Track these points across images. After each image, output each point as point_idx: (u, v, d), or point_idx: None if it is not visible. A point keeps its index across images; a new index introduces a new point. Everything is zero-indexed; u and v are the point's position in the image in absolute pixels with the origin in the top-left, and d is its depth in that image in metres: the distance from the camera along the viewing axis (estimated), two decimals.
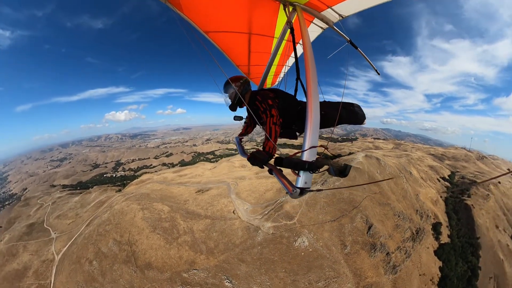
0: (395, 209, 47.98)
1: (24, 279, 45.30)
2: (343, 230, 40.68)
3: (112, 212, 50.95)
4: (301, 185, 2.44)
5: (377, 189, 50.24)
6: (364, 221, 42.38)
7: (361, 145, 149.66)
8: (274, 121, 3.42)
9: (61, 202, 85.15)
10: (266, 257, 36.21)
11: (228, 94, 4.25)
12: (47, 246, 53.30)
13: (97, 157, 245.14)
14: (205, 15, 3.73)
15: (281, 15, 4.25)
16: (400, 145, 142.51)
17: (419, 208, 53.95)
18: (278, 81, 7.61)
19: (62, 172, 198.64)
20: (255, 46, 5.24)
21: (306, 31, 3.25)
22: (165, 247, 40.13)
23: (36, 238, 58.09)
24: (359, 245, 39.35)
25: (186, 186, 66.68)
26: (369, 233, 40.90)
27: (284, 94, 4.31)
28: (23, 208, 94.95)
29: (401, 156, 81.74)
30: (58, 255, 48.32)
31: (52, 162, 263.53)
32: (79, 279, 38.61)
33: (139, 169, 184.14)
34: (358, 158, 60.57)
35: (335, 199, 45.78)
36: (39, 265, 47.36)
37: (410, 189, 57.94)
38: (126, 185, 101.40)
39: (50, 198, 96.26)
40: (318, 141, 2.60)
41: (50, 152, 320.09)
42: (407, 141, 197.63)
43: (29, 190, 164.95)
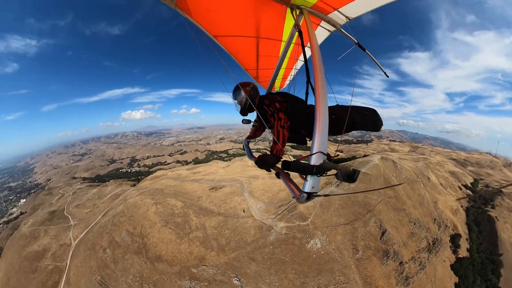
0: (410, 215, 45.42)
1: (43, 260, 48.76)
2: (356, 234, 39.19)
3: (126, 205, 52.57)
4: (308, 189, 2.39)
5: (392, 193, 47.97)
6: (378, 226, 40.56)
7: (376, 147, 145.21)
8: (282, 124, 3.38)
9: (81, 193, 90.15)
10: (277, 257, 35.58)
11: (237, 100, 4.25)
12: (65, 232, 56.88)
13: (114, 153, 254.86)
14: (213, 20, 3.74)
15: (288, 19, 4.21)
16: (417, 148, 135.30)
17: (437, 217, 50.53)
18: (287, 84, 7.55)
19: (82, 166, 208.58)
20: (263, 50, 5.22)
21: (313, 34, 3.24)
22: (176, 241, 40.46)
23: (56, 224, 62.26)
24: (371, 251, 37.74)
25: (200, 183, 67.12)
26: (383, 239, 39.08)
27: (292, 97, 4.22)
28: (46, 196, 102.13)
29: (418, 160, 76.98)
30: (75, 240, 51.37)
31: (74, 156, 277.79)
32: (93, 264, 40.49)
33: (154, 165, 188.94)
34: (374, 160, 58.29)
35: (349, 202, 44.36)
36: (57, 249, 50.73)
37: (427, 195, 54.42)
38: (141, 180, 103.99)
39: (71, 189, 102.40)
40: (328, 144, 2.54)
41: (72, 148, 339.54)
42: (425, 144, 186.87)
43: (52, 181, 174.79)
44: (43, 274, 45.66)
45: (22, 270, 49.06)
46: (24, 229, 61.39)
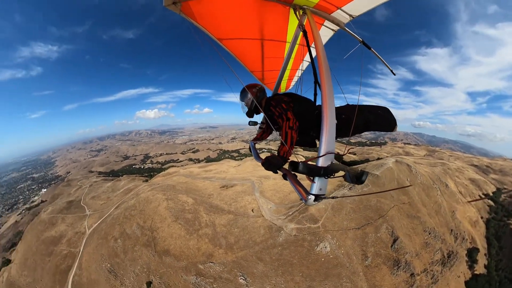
0: (425, 224, 43.03)
1: (58, 245, 51.95)
2: (366, 239, 37.84)
3: (138, 199, 54.07)
4: (315, 191, 2.35)
5: (406, 199, 45.86)
6: (390, 232, 38.90)
7: (390, 150, 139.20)
8: (290, 125, 3.23)
9: (97, 185, 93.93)
10: (285, 259, 35.00)
11: (244, 101, 4.22)
12: (81, 220, 60.05)
13: (128, 150, 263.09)
14: (218, 23, 3.74)
15: (291, 20, 4.17)
16: (435, 152, 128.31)
17: (454, 228, 47.50)
18: (293, 85, 7.52)
19: (98, 161, 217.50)
20: (268, 51, 5.19)
21: (317, 34, 3.19)
22: (185, 237, 40.86)
23: (73, 213, 65.97)
24: (381, 258, 36.40)
25: (211, 181, 67.72)
26: (394, 247, 37.58)
27: (299, 98, 4.11)
28: (65, 187, 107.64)
29: (435, 165, 72.86)
30: (89, 229, 53.94)
31: (91, 152, 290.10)
32: (104, 252, 42.38)
33: (166, 162, 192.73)
34: (388, 164, 56.17)
35: (361, 206, 42.84)
36: (72, 235, 53.75)
37: (445, 204, 51.47)
38: (153, 176, 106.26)
39: (87, 182, 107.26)
40: (340, 146, 2.44)
41: (90, 144, 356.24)
42: (443, 148, 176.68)
43: (71, 173, 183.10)
44: (58, 258, 48.42)
45: (39, 252, 52.53)
46: (44, 215, 65.79)
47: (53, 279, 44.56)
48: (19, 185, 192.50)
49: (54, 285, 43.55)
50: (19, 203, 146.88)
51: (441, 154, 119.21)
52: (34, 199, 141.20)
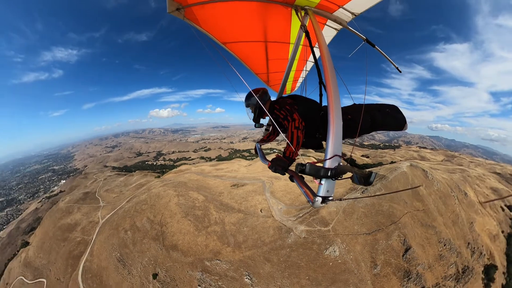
0: (440, 234, 40.32)
1: (73, 232, 55.09)
2: (377, 246, 36.16)
3: (149, 194, 55.31)
4: (323, 193, 2.30)
5: (421, 205, 43.56)
6: (402, 241, 36.90)
7: (404, 153, 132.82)
8: (296, 125, 3.21)
9: (110, 179, 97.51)
10: (292, 261, 34.27)
11: (249, 107, 4.22)
12: (95, 211, 62.77)
13: (141, 147, 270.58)
14: (221, 28, 3.73)
15: (294, 21, 4.16)
16: (454, 157, 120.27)
17: (471, 241, 44.12)
18: (298, 86, 7.50)
19: (113, 156, 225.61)
20: (272, 53, 5.18)
21: (320, 34, 3.18)
22: (193, 233, 41.07)
23: (88, 203, 69.35)
24: (391, 268, 34.52)
25: (222, 179, 67.91)
26: (405, 256, 35.48)
27: (304, 99, 4.07)
28: (82, 179, 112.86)
29: (454, 171, 68.39)
30: (102, 219, 56.13)
31: (107, 148, 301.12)
32: (114, 242, 43.82)
33: (178, 160, 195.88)
34: (402, 168, 53.75)
35: (373, 210, 41.20)
36: (86, 224, 56.59)
37: (463, 214, 48.11)
38: (165, 173, 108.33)
39: (102, 175, 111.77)
40: (342, 147, 2.46)
41: (105, 140, 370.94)
42: (463, 153, 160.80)
43: (88, 167, 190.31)
44: (72, 244, 51.22)
45: (55, 237, 55.96)
46: (61, 204, 69.88)
47: (66, 263, 47.09)
48: (40, 175, 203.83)
49: (66, 268, 45.94)
50: (40, 192, 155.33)
51: (460, 159, 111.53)
52: (54, 189, 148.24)
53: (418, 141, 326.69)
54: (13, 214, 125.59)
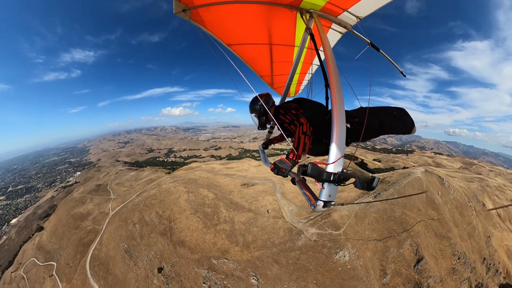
0: (455, 247, 37.56)
1: (85, 221, 56.85)
2: (387, 254, 34.23)
3: (159, 189, 55.32)
4: (325, 198, 2.27)
5: (436, 214, 41.13)
6: (414, 250, 34.66)
7: (418, 159, 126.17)
8: (304, 130, 3.09)
9: (122, 173, 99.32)
10: (301, 264, 33.08)
11: (254, 113, 4.08)
12: (106, 202, 64.37)
13: (153, 143, 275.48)
14: (226, 29, 3.69)
15: (299, 24, 4.11)
16: (472, 165, 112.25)
17: (487, 257, 40.83)
18: (302, 89, 7.48)
19: (125, 152, 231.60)
20: (276, 56, 5.13)
21: (325, 37, 3.18)
22: (202, 230, 40.34)
23: (100, 195, 71.15)
24: (401, 278, 32.45)
25: (232, 178, 67.09)
26: (417, 267, 33.20)
27: (309, 102, 3.98)
28: (96, 172, 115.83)
29: (472, 180, 63.93)
30: (112, 211, 57.36)
31: (119, 143, 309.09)
32: (122, 233, 44.27)
33: (189, 157, 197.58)
34: (417, 173, 50.73)
35: (385, 216, 39.34)
36: (97, 214, 58.30)
37: (480, 226, 44.66)
38: (176, 169, 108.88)
39: (114, 169, 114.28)
40: (345, 151, 2.44)
41: (118, 136, 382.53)
42: (482, 161, 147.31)
43: (101, 161, 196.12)
44: (83, 232, 52.89)
45: (67, 225, 58.19)
46: (75, 194, 72.45)
47: (76, 249, 48.55)
48: (58, 167, 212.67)
49: (76, 255, 47.23)
50: (57, 182, 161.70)
51: (479, 168, 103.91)
52: (69, 179, 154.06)
53: (433, 147, 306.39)
54: (31, 201, 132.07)
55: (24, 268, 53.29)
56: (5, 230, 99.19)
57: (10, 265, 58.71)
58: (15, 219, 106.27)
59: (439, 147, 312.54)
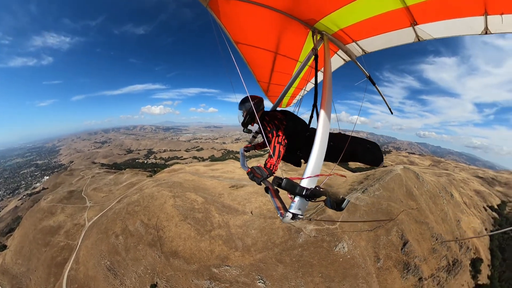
0: (433, 230, 42.02)
1: (56, 236, 48.35)
2: (378, 241, 37.09)
3: (142, 194, 49.34)
4: (294, 210, 2.28)
5: (415, 204, 45.08)
6: (400, 236, 38.13)
7: (395, 158, 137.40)
8: (279, 140, 3.28)
9: (99, 177, 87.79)
10: (305, 260, 32.84)
11: (242, 110, 4.03)
12: (81, 212, 55.62)
13: (132, 144, 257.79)
14: (239, 26, 3.59)
15: (308, 42, 4.08)
16: (440, 162, 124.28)
17: (459, 237, 46.95)
18: (294, 103, 7.39)
19: (102, 153, 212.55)
20: (278, 66, 5.01)
21: (329, 61, 3.22)
22: (195, 238, 36.59)
23: (73, 203, 61.29)
24: (392, 261, 35.59)
25: (219, 180, 62.95)
26: (404, 250, 36.71)
27: (294, 117, 3.98)
28: (67, 176, 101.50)
29: (441, 175, 70.45)
30: (89, 222, 49.80)
31: (96, 143, 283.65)
32: (104, 248, 38.37)
33: (170, 159, 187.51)
34: (397, 170, 54.41)
35: (373, 209, 41.83)
36: (71, 227, 50.00)
37: (450, 213, 50.14)
38: (157, 172, 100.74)
39: (90, 172, 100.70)
40: (321, 170, 2.44)
41: (95, 135, 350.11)
42: (448, 159, 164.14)
43: (74, 163, 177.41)
44: (54, 249, 45.14)
45: (35, 241, 49.08)
46: (43, 204, 61.22)
47: (48, 271, 41.44)
48: (22, 170, 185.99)
49: (48, 278, 40.22)
50: (21, 188, 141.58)
51: (446, 165, 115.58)
52: (36, 185, 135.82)
53: (407, 147, 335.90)
54: None
55: None
56: None
57: None
58: None
59: (412, 148, 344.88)
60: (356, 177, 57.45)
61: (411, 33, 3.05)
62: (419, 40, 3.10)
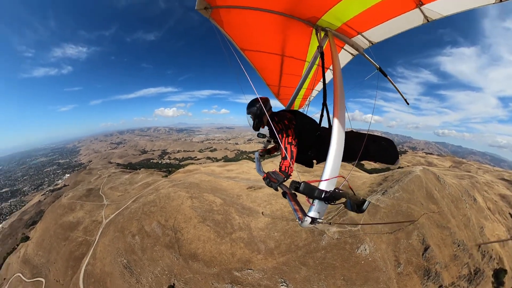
0: (454, 235, 38.85)
1: (75, 231, 48.99)
2: (399, 245, 34.76)
3: (158, 195, 48.16)
4: (313, 214, 2.18)
5: (436, 208, 41.81)
6: (421, 240, 35.36)
7: (411, 159, 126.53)
8: (289, 141, 3.11)
9: (115, 176, 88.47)
10: (328, 262, 31.16)
11: (250, 113, 3.79)
12: (98, 209, 55.78)
13: (146, 144, 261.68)
14: (243, 34, 3.52)
15: (313, 40, 3.93)
16: (461, 163, 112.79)
17: (482, 245, 42.54)
18: (306, 104, 6.99)
19: (117, 153, 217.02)
20: (287, 68, 4.89)
21: (336, 57, 3.12)
22: (215, 240, 34.78)
23: (91, 200, 61.83)
24: (413, 267, 33.27)
25: (236, 181, 60.79)
26: (425, 255, 34.21)
27: (303, 116, 3.78)
28: (86, 175, 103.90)
29: (462, 177, 64.82)
30: (106, 219, 49.65)
31: (112, 144, 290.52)
32: (120, 246, 37.72)
33: (184, 159, 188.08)
34: (416, 172, 50.62)
35: (394, 211, 39.34)
36: (89, 223, 50.35)
37: (473, 218, 46.07)
38: (171, 172, 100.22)
39: (107, 172, 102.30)
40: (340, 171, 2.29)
41: (111, 136, 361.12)
42: (470, 160, 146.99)
43: (93, 162, 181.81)
44: (73, 244, 45.69)
45: (55, 235, 49.93)
46: (64, 200, 62.27)
47: (66, 264, 42.09)
48: (46, 168, 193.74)
49: (66, 270, 40.82)
50: (44, 184, 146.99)
51: (468, 166, 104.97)
52: (58, 182, 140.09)
53: (424, 147, 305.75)
54: (16, 205, 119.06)
55: (8, 285, 46.25)
56: None
57: None
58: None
59: (429, 148, 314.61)
60: (374, 179, 54.20)
61: (419, 15, 2.71)
62: (428, 21, 2.75)
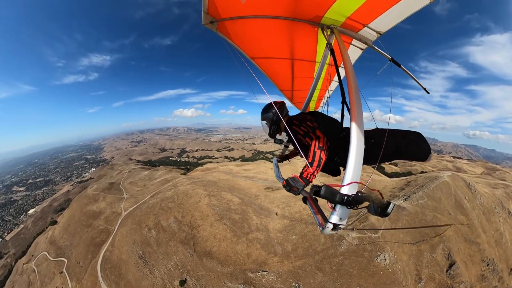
0: (484, 253, 34.07)
1: (97, 220, 51.91)
2: (421, 258, 31.34)
3: (176, 191, 48.83)
4: (335, 220, 2.05)
5: (465, 219, 37.37)
6: (446, 255, 31.41)
7: (436, 163, 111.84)
8: (320, 145, 2.65)
9: (135, 172, 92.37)
10: (345, 269, 29.15)
11: (265, 120, 3.55)
12: (118, 202, 58.57)
13: (165, 143, 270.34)
14: (251, 43, 3.56)
15: (320, 40, 3.79)
16: (495, 170, 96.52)
17: None
18: (321, 105, 7.05)
19: (138, 151, 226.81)
20: (298, 71, 4.83)
21: (346, 54, 2.94)
22: (231, 240, 34.02)
23: (113, 193, 65.26)
24: (435, 284, 29.47)
25: (253, 181, 60.14)
26: (449, 272, 30.31)
27: (324, 116, 3.34)
28: (109, 170, 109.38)
29: (496, 187, 57.02)
30: (125, 212, 51.83)
31: (132, 142, 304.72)
32: (137, 238, 38.86)
33: (202, 158, 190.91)
34: (443, 177, 45.61)
35: (417, 219, 35.73)
36: (109, 214, 53.16)
37: (507, 234, 39.91)
38: (190, 169, 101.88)
39: (127, 168, 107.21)
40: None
41: (131, 135, 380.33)
42: (505, 166, 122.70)
43: (115, 158, 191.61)
44: (95, 231, 48.11)
45: (79, 222, 53.74)
46: (89, 191, 66.82)
47: (87, 248, 44.31)
48: (75, 162, 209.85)
49: (87, 254, 42.99)
50: (73, 177, 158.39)
51: (503, 173, 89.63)
52: (85, 175, 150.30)
53: (451, 150, 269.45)
54: (48, 193, 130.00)
55: (35, 261, 50.33)
56: (22, 219, 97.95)
57: (23, 255, 56.28)
58: (32, 209, 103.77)
59: (458, 151, 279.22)
60: (396, 183, 50.06)
61: None
62: None
